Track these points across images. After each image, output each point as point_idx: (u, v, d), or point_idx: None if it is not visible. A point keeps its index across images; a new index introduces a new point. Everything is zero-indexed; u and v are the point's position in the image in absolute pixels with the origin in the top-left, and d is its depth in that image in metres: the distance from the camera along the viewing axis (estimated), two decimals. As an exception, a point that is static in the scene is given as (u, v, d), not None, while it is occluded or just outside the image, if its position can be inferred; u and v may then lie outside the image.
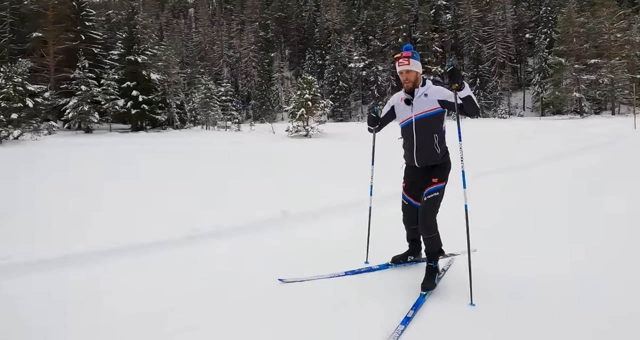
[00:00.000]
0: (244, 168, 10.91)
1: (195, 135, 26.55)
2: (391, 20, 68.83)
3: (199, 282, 3.73)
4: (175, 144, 20.26)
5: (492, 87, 60.53)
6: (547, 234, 4.92)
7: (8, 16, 37.17)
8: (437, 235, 3.50)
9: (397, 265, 3.96)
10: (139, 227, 5.20)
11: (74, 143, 21.23)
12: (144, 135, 26.37)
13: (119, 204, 6.55)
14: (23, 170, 10.84)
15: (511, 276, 3.66)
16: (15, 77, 22.54)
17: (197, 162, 12.50)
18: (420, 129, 3.48)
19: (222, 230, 5.08)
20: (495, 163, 10.62)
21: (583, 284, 3.46)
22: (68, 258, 4.16)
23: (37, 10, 33.90)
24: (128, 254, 4.39)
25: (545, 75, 57.06)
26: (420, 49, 63.24)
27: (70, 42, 33.56)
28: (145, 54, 31.10)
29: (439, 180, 3.44)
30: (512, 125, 30.90)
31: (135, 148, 18.33)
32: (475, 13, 64.37)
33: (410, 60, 3.42)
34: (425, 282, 3.40)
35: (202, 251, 4.51)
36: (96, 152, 16.94)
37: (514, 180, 8.76)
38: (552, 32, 60.20)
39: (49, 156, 15.61)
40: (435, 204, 3.43)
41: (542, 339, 2.75)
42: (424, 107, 3.44)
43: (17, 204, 6.56)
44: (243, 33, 76.96)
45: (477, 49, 62.51)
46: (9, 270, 3.92)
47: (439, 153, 3.48)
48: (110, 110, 28.86)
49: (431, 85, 3.49)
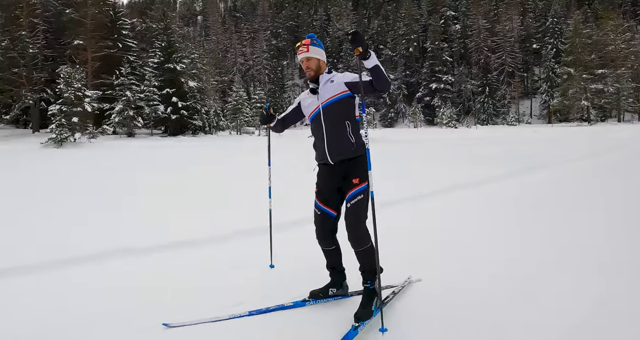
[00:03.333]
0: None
1: (238, 139, 28.06)
2: (401, 30, 70.88)
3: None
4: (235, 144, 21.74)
5: (501, 96, 62.47)
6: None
7: (41, 23, 38.74)
8: (370, 246, 2.90)
9: (317, 301, 3.13)
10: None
11: (135, 146, 22.67)
12: (188, 139, 27.93)
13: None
14: (120, 170, 12.29)
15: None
16: (75, 82, 24.04)
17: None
18: (329, 118, 3.02)
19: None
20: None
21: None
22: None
23: (77, 19, 35.46)
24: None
25: (553, 84, 59.18)
26: (430, 58, 65.36)
27: (108, 50, 35.17)
28: (182, 62, 32.73)
29: (361, 179, 2.92)
30: (533, 131, 32.50)
31: (201, 151, 19.80)
32: (484, 24, 66.43)
33: (310, 47, 3.05)
34: (360, 311, 2.79)
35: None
36: (169, 154, 18.35)
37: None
38: (558, 43, 62.43)
39: (126, 157, 17.19)
40: (362, 209, 2.91)
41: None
42: (331, 92, 3.01)
43: (121, 199, 7.30)
44: (255, 41, 78.83)
45: (485, 59, 64.45)
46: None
47: (354, 142, 2.98)
48: (151, 116, 30.44)
49: (337, 73, 3.13)
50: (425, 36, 70.46)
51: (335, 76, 3.08)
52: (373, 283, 2.93)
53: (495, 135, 28.23)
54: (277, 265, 3.82)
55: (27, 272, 3.83)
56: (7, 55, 34.30)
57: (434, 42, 65.47)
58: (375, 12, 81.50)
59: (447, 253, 4.10)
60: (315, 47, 3.08)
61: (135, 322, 2.83)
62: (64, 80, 23.89)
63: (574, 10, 64.31)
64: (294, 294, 3.22)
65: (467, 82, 64.74)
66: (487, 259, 3.93)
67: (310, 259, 3.66)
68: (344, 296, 3.20)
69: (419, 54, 70.25)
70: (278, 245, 4.00)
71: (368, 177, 2.90)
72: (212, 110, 38.25)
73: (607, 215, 5.40)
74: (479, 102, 62.68)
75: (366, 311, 2.79)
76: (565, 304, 2.91)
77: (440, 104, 58.82)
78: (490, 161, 12.23)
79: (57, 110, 23.34)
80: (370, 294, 2.93)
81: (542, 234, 4.70)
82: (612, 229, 4.76)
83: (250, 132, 38.97)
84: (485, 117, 61.02)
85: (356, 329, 2.64)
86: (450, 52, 67.43)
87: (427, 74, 65.02)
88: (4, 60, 34.24)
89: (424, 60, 67.55)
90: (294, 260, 3.93)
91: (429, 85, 64.11)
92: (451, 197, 7.09)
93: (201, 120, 33.96)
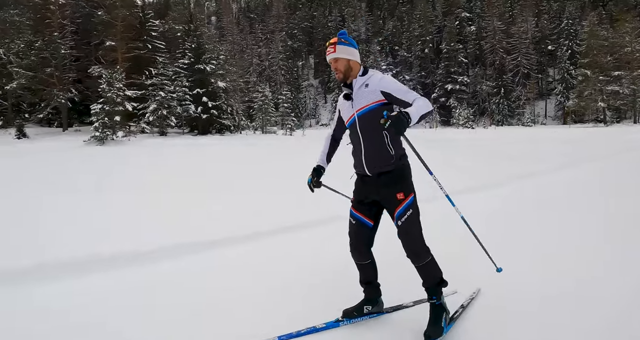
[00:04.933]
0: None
1: (272, 138, 28.97)
2: (416, 31, 71.64)
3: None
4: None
5: (516, 97, 63.04)
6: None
7: (69, 25, 39.86)
8: (431, 260, 2.74)
9: (351, 320, 2.89)
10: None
11: (179, 143, 23.61)
12: (221, 138, 28.88)
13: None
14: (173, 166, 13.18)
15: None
16: (116, 83, 25.05)
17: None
18: (365, 128, 2.76)
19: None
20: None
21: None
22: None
23: (108, 21, 36.52)
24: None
25: (568, 86, 59.72)
26: (446, 59, 66.03)
27: (137, 51, 36.23)
28: (211, 63, 33.71)
29: (405, 193, 2.69)
30: (552, 132, 33.19)
31: (241, 150, 20.69)
32: (499, 25, 66.99)
33: (337, 47, 2.78)
34: (429, 329, 2.62)
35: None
36: (208, 151, 19.12)
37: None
38: (573, 44, 62.93)
39: (176, 154, 18.06)
40: (414, 225, 2.69)
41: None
42: (366, 100, 2.75)
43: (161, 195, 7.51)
44: (271, 42, 79.85)
45: (500, 60, 65.03)
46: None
47: (393, 154, 2.74)
48: (183, 115, 31.44)
49: (375, 74, 2.81)
50: (440, 37, 71.17)
51: (372, 79, 2.77)
52: (439, 298, 2.73)
53: (516, 136, 29.00)
54: (305, 281, 3.53)
55: (191, 251, 4.31)
56: (40, 55, 35.50)
57: (450, 44, 66.15)
58: (390, 14, 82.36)
59: (519, 249, 4.02)
60: (343, 46, 2.80)
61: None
62: (105, 80, 24.93)
63: (589, 12, 64.66)
64: (325, 313, 2.93)
65: (482, 83, 65.37)
66: (559, 255, 3.90)
67: (341, 273, 3.42)
68: (380, 313, 2.97)
69: (434, 55, 70.93)
70: (306, 259, 3.91)
71: (412, 188, 2.75)
72: (237, 109, 39.33)
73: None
74: (494, 103, 63.27)
75: (436, 329, 2.61)
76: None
77: (457, 104, 59.46)
78: (527, 158, 13.21)
79: (99, 109, 24.37)
80: (438, 309, 2.71)
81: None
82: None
83: (273, 131, 39.88)
84: (500, 118, 61.61)
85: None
86: (465, 54, 68.05)
87: (443, 75, 65.70)
88: (37, 60, 35.45)
89: (439, 61, 68.21)
90: (324, 275, 3.65)
91: (445, 86, 64.79)
92: (504, 191, 7.62)
93: (228, 119, 34.93)
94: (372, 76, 2.79)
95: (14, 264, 3.78)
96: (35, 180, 9.33)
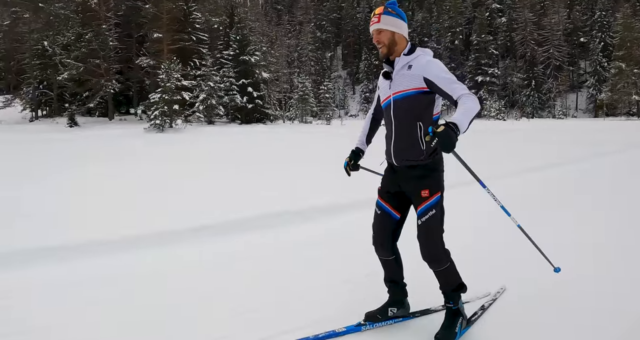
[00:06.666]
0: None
1: (318, 127, 30.02)
2: (446, 23, 71.67)
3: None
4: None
5: (547, 89, 62.88)
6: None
7: (112, 18, 41.34)
8: (450, 265, 2.55)
9: (375, 324, 2.66)
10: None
11: (234, 131, 24.86)
12: (269, 126, 30.08)
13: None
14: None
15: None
16: (174, 73, 26.35)
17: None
18: (399, 114, 2.53)
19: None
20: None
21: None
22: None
23: (154, 13, 37.87)
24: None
25: (600, 78, 59.39)
26: (476, 51, 66.05)
27: (182, 43, 37.57)
28: (255, 54, 34.87)
29: (432, 191, 2.47)
30: (591, 123, 33.64)
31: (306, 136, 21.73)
32: (531, 17, 66.64)
33: (382, 17, 2.49)
34: (440, 333, 2.48)
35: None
36: (265, 138, 20.22)
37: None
38: (606, 36, 62.38)
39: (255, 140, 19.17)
40: (436, 226, 2.48)
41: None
42: (405, 85, 2.48)
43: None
44: (300, 33, 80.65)
45: (532, 52, 64.79)
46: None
47: (424, 150, 2.47)
48: (229, 105, 32.74)
49: (421, 54, 2.50)
50: (470, 29, 71.07)
51: (417, 61, 2.46)
52: (456, 303, 2.56)
53: (560, 126, 29.76)
54: (324, 280, 3.31)
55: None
56: (90, 47, 37.07)
57: (480, 35, 66.08)
58: (419, 5, 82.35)
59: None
60: (390, 17, 2.49)
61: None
62: (164, 70, 26.28)
63: (622, 3, 63.84)
64: (347, 317, 2.70)
65: (512, 75, 65.29)
66: (594, 244, 4.09)
67: (365, 272, 3.23)
68: (406, 318, 2.74)
69: (464, 47, 70.92)
70: (324, 257, 3.79)
71: (441, 186, 2.53)
72: (278, 99, 40.59)
73: None
74: (524, 95, 63.22)
75: (449, 333, 2.46)
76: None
77: (487, 96, 59.65)
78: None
79: (158, 98, 25.73)
80: (454, 313, 2.56)
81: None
82: None
83: (309, 121, 40.98)
84: (530, 110, 61.60)
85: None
86: (495, 45, 67.92)
87: (473, 66, 65.77)
88: (86, 51, 37.05)
89: (469, 53, 68.22)
90: (346, 274, 3.40)
91: (475, 78, 64.87)
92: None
93: (269, 109, 36.17)
94: (417, 57, 2.48)
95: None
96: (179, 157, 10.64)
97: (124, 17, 41.31)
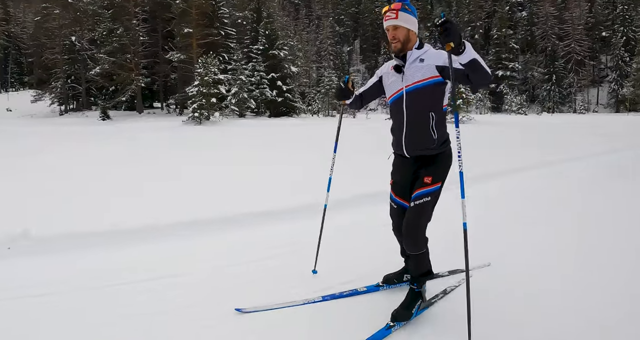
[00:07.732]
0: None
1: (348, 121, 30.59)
2: (466, 17, 71.61)
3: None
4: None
5: (568, 84, 62.72)
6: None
7: (140, 13, 42.10)
8: (426, 252, 2.75)
9: (391, 286, 3.08)
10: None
11: (272, 123, 25.50)
12: (299, 119, 30.74)
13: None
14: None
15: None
16: (212, 67, 27.00)
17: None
18: (412, 105, 2.66)
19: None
20: None
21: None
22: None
23: (184, 9, 38.58)
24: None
25: (622, 73, 59.12)
26: (496, 45, 65.98)
27: (212, 38, 38.26)
28: (284, 49, 35.48)
29: (434, 180, 2.63)
30: (618, 118, 33.78)
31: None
32: (552, 11, 66.38)
33: (399, 13, 2.59)
34: (398, 310, 2.63)
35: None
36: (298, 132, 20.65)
37: None
38: (628, 31, 61.99)
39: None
40: (425, 212, 2.64)
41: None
42: (419, 76, 2.60)
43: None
44: (319, 28, 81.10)
45: (552, 46, 64.59)
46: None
47: (436, 139, 2.64)
48: (259, 99, 33.43)
49: (430, 49, 2.66)
50: (490, 23, 70.94)
51: (427, 54, 2.62)
52: (419, 286, 2.73)
53: (588, 121, 30.08)
54: (352, 248, 3.99)
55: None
56: (120, 42, 37.97)
57: (500, 29, 65.98)
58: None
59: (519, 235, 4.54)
60: (405, 14, 2.62)
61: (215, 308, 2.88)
62: (202, 65, 26.93)
63: (646, -4, 63.41)
64: (369, 278, 3.21)
65: (533, 70, 65.17)
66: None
67: (387, 242, 3.45)
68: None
69: (484, 41, 70.85)
70: (354, 226, 4.56)
71: (444, 176, 2.69)
72: (304, 92, 41.30)
73: None
74: (545, 89, 63.10)
75: (405, 312, 2.62)
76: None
77: (508, 91, 59.67)
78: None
79: (196, 92, 26.45)
80: (415, 295, 2.72)
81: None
82: None
83: (333, 114, 41.58)
84: (551, 105, 61.50)
85: (389, 329, 2.51)
86: (516, 39, 67.78)
87: (493, 61, 65.68)
88: (118, 46, 37.95)
89: (489, 47, 68.16)
90: (369, 243, 4.06)
91: (495, 72, 64.84)
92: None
93: (297, 102, 36.84)
94: (428, 50, 2.65)
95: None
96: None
97: (150, 12, 42.10)
